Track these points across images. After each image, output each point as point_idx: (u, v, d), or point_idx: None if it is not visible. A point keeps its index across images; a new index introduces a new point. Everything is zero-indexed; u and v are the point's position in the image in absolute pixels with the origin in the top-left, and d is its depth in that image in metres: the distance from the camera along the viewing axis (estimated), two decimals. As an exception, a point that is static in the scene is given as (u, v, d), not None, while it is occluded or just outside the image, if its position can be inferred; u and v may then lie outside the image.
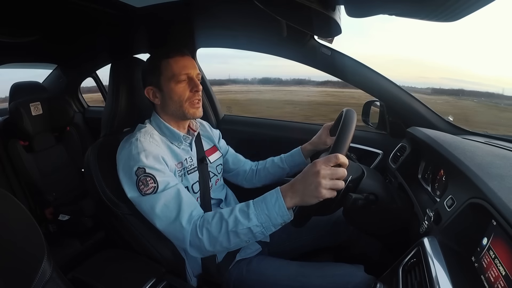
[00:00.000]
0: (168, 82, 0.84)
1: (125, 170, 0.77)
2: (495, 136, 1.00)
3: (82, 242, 1.52)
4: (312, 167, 0.64)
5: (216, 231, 0.69)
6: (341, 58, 1.15)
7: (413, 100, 1.12)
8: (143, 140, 0.80)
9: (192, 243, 0.71)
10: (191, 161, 0.90)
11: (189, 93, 0.85)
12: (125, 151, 0.79)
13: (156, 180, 0.74)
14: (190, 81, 0.86)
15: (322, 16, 0.61)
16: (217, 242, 0.69)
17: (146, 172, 0.74)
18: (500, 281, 0.45)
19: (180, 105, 0.86)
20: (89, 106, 2.25)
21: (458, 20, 0.50)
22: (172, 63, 0.84)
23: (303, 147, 1.10)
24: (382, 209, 0.80)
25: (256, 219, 0.66)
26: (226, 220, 0.68)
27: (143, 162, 0.75)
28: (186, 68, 0.84)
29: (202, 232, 0.70)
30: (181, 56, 0.85)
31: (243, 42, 1.34)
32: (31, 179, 1.63)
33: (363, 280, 0.78)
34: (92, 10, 0.95)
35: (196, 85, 0.85)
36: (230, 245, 0.70)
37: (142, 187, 0.74)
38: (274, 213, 0.65)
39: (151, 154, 0.77)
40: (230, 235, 0.68)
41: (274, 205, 0.65)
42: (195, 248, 0.72)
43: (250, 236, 0.68)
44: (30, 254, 0.50)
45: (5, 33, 1.12)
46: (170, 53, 0.85)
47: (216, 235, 0.69)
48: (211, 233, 0.69)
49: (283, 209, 0.65)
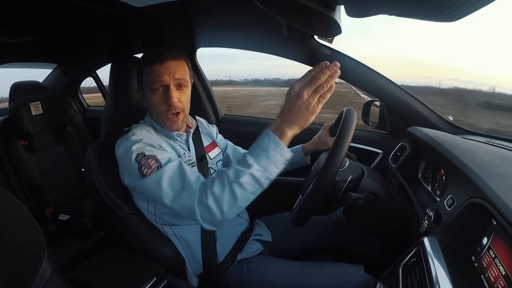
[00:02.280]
0: (147, 90, 0.83)
1: (125, 161, 0.77)
2: (495, 136, 1.00)
3: (82, 242, 1.52)
4: (291, 92, 0.62)
5: (219, 190, 0.65)
6: (341, 58, 1.15)
7: (413, 100, 1.12)
8: (139, 133, 0.81)
9: (202, 211, 0.67)
10: (189, 156, 0.90)
11: (163, 105, 0.81)
12: (123, 146, 0.79)
13: (158, 158, 0.74)
14: (165, 92, 0.80)
15: (322, 16, 0.61)
16: (224, 201, 0.64)
17: (146, 155, 0.74)
18: (500, 281, 0.45)
19: (158, 115, 0.84)
20: (89, 105, 2.25)
21: (458, 20, 0.50)
22: (149, 72, 0.81)
23: (304, 146, 1.11)
24: (382, 209, 0.80)
25: (256, 163, 0.63)
26: (226, 174, 0.66)
27: (142, 148, 0.75)
28: (161, 76, 0.79)
29: (207, 196, 0.66)
30: (161, 63, 0.79)
31: (243, 42, 1.34)
32: (31, 178, 1.63)
33: (363, 280, 0.78)
34: (92, 10, 0.95)
35: (169, 98, 0.79)
36: (237, 201, 0.65)
37: (146, 171, 0.73)
38: (271, 152, 0.63)
39: (148, 141, 0.78)
40: (234, 188, 0.64)
41: (269, 145, 0.63)
42: (206, 217, 0.67)
43: (255, 184, 0.64)
44: (30, 253, 0.50)
45: (5, 33, 1.12)
46: (151, 59, 0.80)
47: (220, 194, 0.65)
48: (215, 193, 0.65)
49: (279, 146, 0.62)
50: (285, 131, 0.63)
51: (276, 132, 0.63)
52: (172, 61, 0.81)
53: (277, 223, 1.09)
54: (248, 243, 0.97)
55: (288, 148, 0.64)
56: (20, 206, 0.55)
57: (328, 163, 0.71)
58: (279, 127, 0.63)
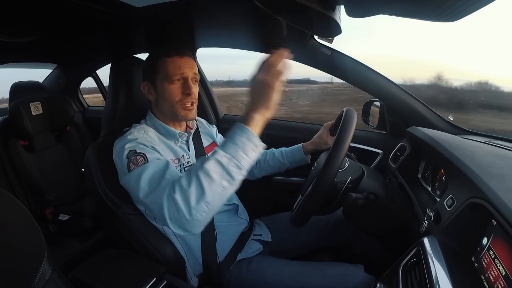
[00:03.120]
0: (162, 81, 0.84)
1: (119, 158, 0.77)
2: (495, 136, 1.00)
3: (82, 242, 1.52)
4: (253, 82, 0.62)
5: (186, 182, 0.61)
6: (341, 58, 1.15)
7: (413, 100, 1.12)
8: (136, 134, 0.81)
9: (169, 208, 0.61)
10: (188, 158, 0.90)
11: (181, 95, 0.85)
12: (118, 145, 0.80)
13: (146, 157, 0.73)
14: (184, 83, 0.85)
15: (322, 16, 0.61)
16: (191, 194, 0.59)
17: (136, 152, 0.74)
18: (500, 281, 0.45)
19: (172, 105, 0.86)
20: (89, 105, 2.25)
21: (458, 20, 0.50)
22: (168, 63, 0.84)
23: (304, 145, 1.11)
24: (382, 209, 0.80)
25: (221, 150, 0.60)
26: (194, 165, 0.63)
27: (134, 147, 0.75)
28: (182, 69, 0.84)
29: (175, 189, 0.61)
30: (180, 57, 0.85)
31: (242, 42, 1.34)
32: (31, 178, 1.63)
33: (363, 280, 0.78)
34: (92, 10, 0.95)
35: (188, 88, 0.85)
36: (204, 194, 0.59)
37: (133, 166, 0.72)
38: (237, 138, 0.60)
39: (142, 142, 0.78)
40: (200, 178, 0.59)
41: (235, 132, 0.61)
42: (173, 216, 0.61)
43: (223, 173, 0.59)
44: (30, 254, 0.50)
45: (5, 33, 1.12)
46: (169, 52, 0.85)
47: (187, 186, 0.60)
48: (182, 186, 0.61)
49: (245, 131, 0.60)
50: (251, 115, 0.61)
51: (243, 121, 0.61)
52: (189, 57, 0.87)
53: (277, 223, 1.09)
54: (248, 243, 0.98)
55: (257, 135, 0.61)
56: (20, 206, 0.55)
57: (327, 164, 0.71)
58: (246, 115, 0.62)
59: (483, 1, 0.43)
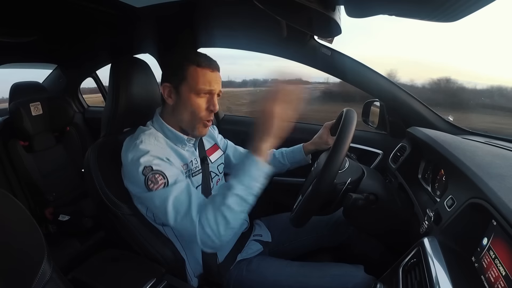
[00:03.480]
0: (189, 90, 0.80)
1: (131, 171, 0.75)
2: (495, 136, 1.00)
3: (82, 242, 1.52)
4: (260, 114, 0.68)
5: (212, 217, 0.68)
6: (341, 58, 1.15)
7: (413, 100, 1.12)
8: (147, 142, 0.78)
9: (202, 237, 0.69)
10: (196, 163, 0.89)
11: (205, 111, 0.82)
12: (130, 153, 0.76)
13: (165, 175, 0.73)
14: (210, 98, 0.82)
15: (322, 16, 0.61)
16: (219, 226, 0.68)
17: (153, 169, 0.73)
18: (500, 281, 0.45)
19: (193, 118, 0.83)
20: (89, 106, 2.25)
21: (458, 20, 0.50)
22: (199, 74, 0.80)
23: (305, 145, 1.11)
24: (382, 209, 0.80)
25: (238, 183, 0.68)
26: (215, 199, 0.70)
27: (149, 162, 0.73)
28: (212, 84, 0.81)
29: (204, 224, 0.68)
30: (211, 71, 0.82)
31: (243, 42, 1.34)
32: (31, 179, 1.62)
33: (363, 280, 0.78)
34: (92, 10, 0.95)
35: (213, 105, 0.82)
36: (229, 223, 0.68)
37: (152, 185, 0.72)
38: (250, 169, 0.68)
39: (156, 154, 0.76)
40: (224, 212, 0.68)
41: (246, 163, 0.69)
42: (206, 243, 0.69)
43: (241, 203, 0.68)
44: (30, 254, 0.50)
45: (5, 33, 1.12)
46: (202, 63, 0.81)
47: (214, 221, 0.68)
48: (210, 221, 0.68)
49: (256, 162, 0.68)
50: (260, 146, 0.69)
51: (252, 150, 0.69)
52: (218, 73, 0.85)
53: (277, 224, 1.09)
54: (248, 244, 0.97)
55: (265, 163, 0.70)
56: (20, 206, 0.55)
57: (327, 164, 0.71)
58: (255, 145, 0.69)
59: (483, 1, 0.43)
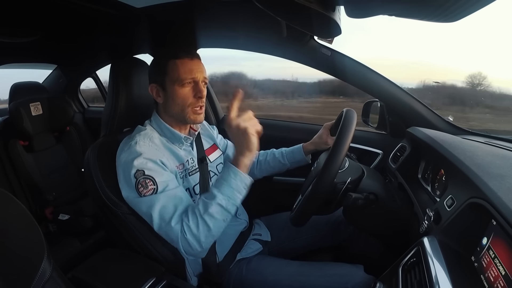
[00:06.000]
0: (173, 84, 0.82)
1: (124, 172, 0.76)
2: (495, 136, 1.01)
3: (82, 241, 1.52)
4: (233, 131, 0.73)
5: (194, 225, 0.71)
6: (341, 58, 1.15)
7: (413, 100, 1.12)
8: (142, 144, 0.79)
9: (184, 245, 0.72)
10: (193, 162, 0.90)
11: (192, 98, 0.83)
12: (124, 154, 0.78)
13: (156, 181, 0.74)
14: (195, 86, 0.83)
15: (321, 17, 0.61)
16: (200, 234, 0.71)
17: (145, 174, 0.74)
18: (500, 281, 0.45)
19: (182, 109, 0.84)
20: (89, 106, 2.25)
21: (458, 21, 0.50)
22: (179, 65, 0.81)
23: (304, 145, 1.11)
24: (382, 209, 0.81)
25: (220, 193, 0.71)
26: (197, 208, 0.72)
27: (142, 165, 0.75)
28: (193, 72, 0.82)
29: (185, 232, 0.71)
30: (190, 59, 0.83)
31: (243, 42, 1.34)
32: (31, 179, 1.62)
33: (362, 280, 0.78)
34: (92, 10, 0.95)
35: (199, 91, 0.83)
36: (211, 231, 0.71)
37: (142, 189, 0.74)
38: (232, 181, 0.72)
39: (149, 157, 0.77)
40: (206, 220, 0.71)
41: (229, 175, 0.72)
42: (187, 250, 0.73)
43: (223, 212, 0.72)
44: (30, 253, 0.50)
45: (6, 33, 1.12)
46: (179, 54, 0.82)
47: (195, 229, 0.71)
48: (191, 229, 0.71)
49: (238, 174, 0.72)
50: (240, 159, 0.73)
51: (233, 163, 0.73)
52: (199, 60, 0.85)
53: (277, 223, 1.09)
54: (247, 243, 0.98)
55: (247, 175, 0.74)
56: (20, 206, 0.55)
57: (327, 164, 0.71)
58: (235, 158, 0.74)
59: (483, 1, 0.43)
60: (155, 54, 1.49)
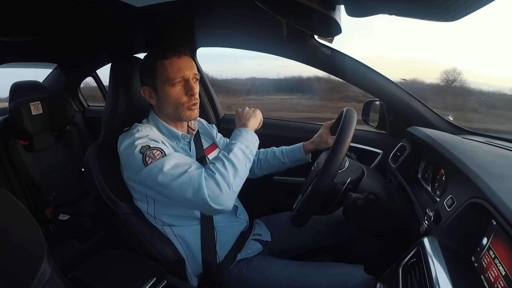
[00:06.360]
0: (163, 84, 0.82)
1: (128, 155, 0.77)
2: (495, 136, 1.00)
3: (82, 242, 1.52)
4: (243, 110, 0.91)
5: (221, 165, 0.74)
6: (341, 57, 1.15)
7: (413, 100, 1.12)
8: (143, 131, 0.81)
9: (209, 186, 0.70)
10: None
11: (185, 97, 0.84)
12: (126, 141, 0.79)
13: (163, 151, 0.76)
14: (185, 84, 0.84)
15: (322, 16, 0.60)
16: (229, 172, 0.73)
17: (151, 147, 0.75)
18: (500, 281, 0.45)
19: (176, 108, 0.85)
20: (89, 105, 2.25)
21: (458, 20, 0.50)
22: (167, 65, 0.82)
23: (305, 144, 1.11)
24: (382, 209, 0.80)
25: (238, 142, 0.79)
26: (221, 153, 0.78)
27: (146, 142, 0.76)
28: (182, 71, 0.82)
29: (213, 171, 0.72)
30: (177, 57, 0.83)
31: (243, 41, 1.34)
32: (31, 178, 1.62)
33: (363, 280, 0.78)
34: (92, 9, 0.95)
35: (191, 89, 0.83)
36: (237, 171, 0.74)
37: (150, 160, 0.73)
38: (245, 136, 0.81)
39: (153, 137, 0.79)
40: (233, 160, 0.74)
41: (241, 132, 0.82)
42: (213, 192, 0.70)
43: (244, 158, 0.77)
44: (30, 253, 0.50)
45: (6, 33, 1.12)
46: (166, 54, 0.82)
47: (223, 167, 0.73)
48: (219, 168, 0.73)
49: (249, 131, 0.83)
50: (246, 123, 0.85)
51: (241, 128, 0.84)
52: (187, 57, 0.86)
53: (277, 223, 1.09)
54: (248, 243, 0.97)
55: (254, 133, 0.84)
56: (20, 206, 0.55)
57: (327, 164, 0.71)
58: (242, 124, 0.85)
59: (483, 1, 0.43)
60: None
